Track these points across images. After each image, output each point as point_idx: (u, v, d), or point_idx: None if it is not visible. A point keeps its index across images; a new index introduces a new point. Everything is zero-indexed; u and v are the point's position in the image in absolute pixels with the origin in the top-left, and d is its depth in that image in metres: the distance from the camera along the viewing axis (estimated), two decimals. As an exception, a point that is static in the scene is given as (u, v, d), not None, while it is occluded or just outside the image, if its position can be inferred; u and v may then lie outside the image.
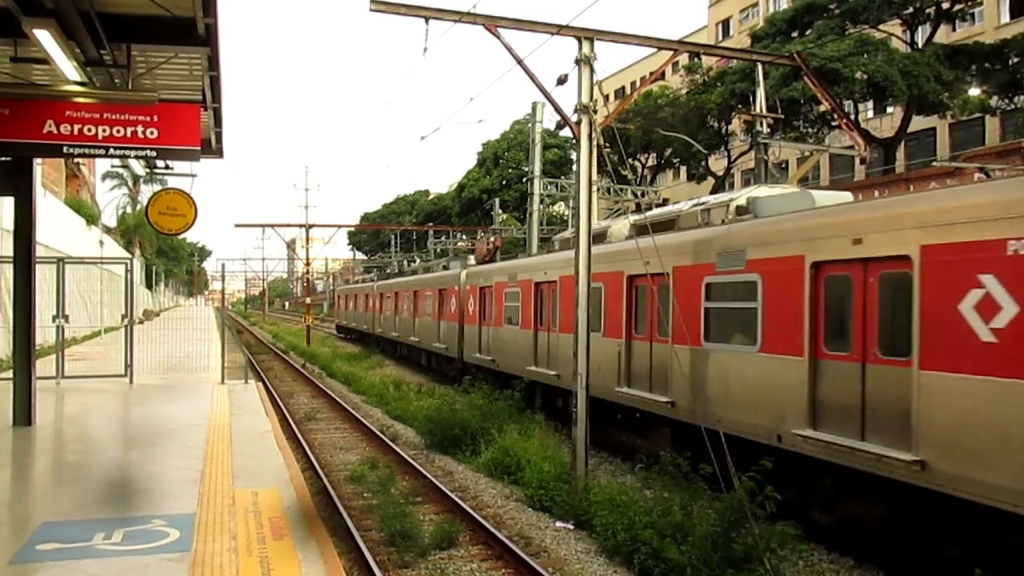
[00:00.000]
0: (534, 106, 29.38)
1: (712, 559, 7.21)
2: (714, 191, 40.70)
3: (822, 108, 29.70)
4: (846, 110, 30.50)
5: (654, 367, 11.77)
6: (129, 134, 9.80)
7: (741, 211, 10.81)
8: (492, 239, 36.96)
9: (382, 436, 14.92)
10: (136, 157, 10.39)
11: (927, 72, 29.73)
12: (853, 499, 8.40)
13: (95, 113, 9.72)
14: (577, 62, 10.92)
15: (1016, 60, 30.47)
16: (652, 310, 11.75)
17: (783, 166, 38.45)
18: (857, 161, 23.61)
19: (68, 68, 8.32)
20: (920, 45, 33.35)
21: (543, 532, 9.41)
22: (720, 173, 42.47)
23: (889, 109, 37.85)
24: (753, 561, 7.06)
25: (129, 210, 60.96)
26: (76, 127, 9.71)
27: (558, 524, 9.69)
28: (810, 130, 34.71)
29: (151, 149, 9.99)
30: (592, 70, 10.91)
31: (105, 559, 5.90)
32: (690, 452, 9.28)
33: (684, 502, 8.27)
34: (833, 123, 31.23)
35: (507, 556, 8.38)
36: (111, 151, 9.95)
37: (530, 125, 30.76)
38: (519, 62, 10.88)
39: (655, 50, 14.21)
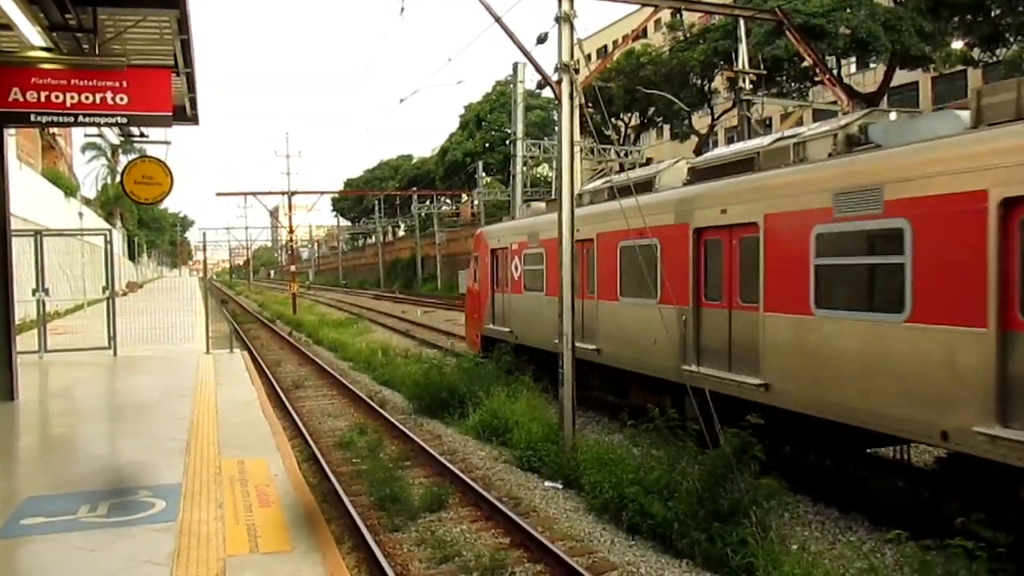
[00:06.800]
0: (515, 67, 29.04)
1: (699, 514, 7.29)
2: (697, 150, 40.52)
3: (805, 64, 29.49)
4: (829, 66, 30.31)
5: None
6: (98, 100, 9.54)
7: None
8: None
9: (370, 402, 14.92)
10: (106, 124, 10.17)
11: (910, 26, 29.56)
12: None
13: (62, 80, 9.45)
14: (557, 19, 10.70)
15: (998, 12, 30.28)
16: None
17: (767, 123, 38.27)
18: (840, 116, 23.53)
19: (31, 33, 8.06)
20: (903, -2, 33.05)
21: (532, 492, 9.47)
22: (704, 131, 42.26)
23: (872, 64, 37.65)
24: (739, 514, 7.13)
25: (109, 181, 60.10)
26: (43, 94, 9.44)
27: (547, 484, 9.75)
28: (793, 86, 34.50)
29: (121, 115, 9.74)
30: (572, 27, 10.69)
31: (90, 531, 5.88)
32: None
33: (671, 459, 8.32)
34: (816, 79, 31.05)
35: (497, 516, 8.44)
36: (80, 119, 9.70)
37: (512, 86, 30.43)
38: (497, 20, 10.66)
39: (637, 7, 13.92)
